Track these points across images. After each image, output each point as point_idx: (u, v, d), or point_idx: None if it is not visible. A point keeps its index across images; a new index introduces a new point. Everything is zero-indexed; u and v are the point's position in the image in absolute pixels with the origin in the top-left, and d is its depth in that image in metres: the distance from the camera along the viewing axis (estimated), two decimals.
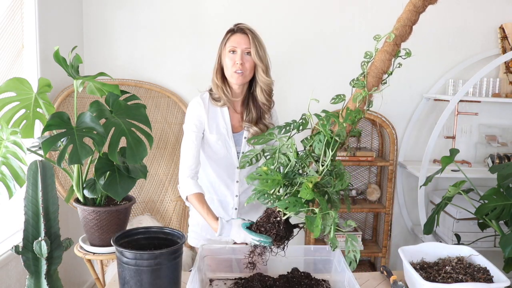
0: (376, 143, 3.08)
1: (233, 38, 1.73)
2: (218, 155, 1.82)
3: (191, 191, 1.69)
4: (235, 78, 1.73)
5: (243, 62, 1.71)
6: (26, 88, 1.61)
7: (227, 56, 1.73)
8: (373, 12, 2.93)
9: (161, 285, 1.29)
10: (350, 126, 1.40)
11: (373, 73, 1.40)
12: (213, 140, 1.79)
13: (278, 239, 1.37)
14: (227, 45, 1.73)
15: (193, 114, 1.79)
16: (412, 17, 1.37)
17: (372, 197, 2.97)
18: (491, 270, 1.46)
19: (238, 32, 1.73)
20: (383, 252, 2.93)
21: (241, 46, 1.71)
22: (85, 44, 2.88)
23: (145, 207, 2.82)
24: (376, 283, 1.61)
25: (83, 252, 1.72)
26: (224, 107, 1.80)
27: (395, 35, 1.37)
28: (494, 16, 2.97)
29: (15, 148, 1.48)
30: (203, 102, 1.79)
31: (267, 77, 1.76)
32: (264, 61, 1.74)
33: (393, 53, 1.38)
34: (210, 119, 1.79)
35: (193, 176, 1.74)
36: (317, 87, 2.98)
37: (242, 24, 1.75)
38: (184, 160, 1.76)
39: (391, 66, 1.40)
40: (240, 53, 1.71)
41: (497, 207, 2.08)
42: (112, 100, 1.63)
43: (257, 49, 1.71)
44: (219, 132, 1.79)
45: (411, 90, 3.03)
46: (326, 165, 1.32)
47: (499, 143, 2.98)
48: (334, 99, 1.44)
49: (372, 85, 1.40)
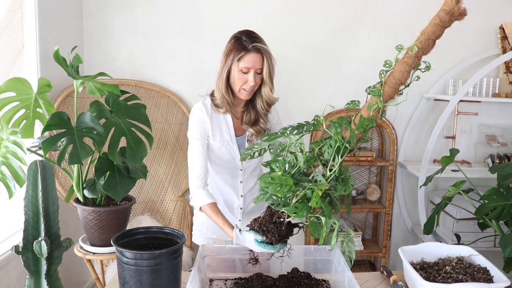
0: (376, 143, 3.08)
1: (248, 58, 1.66)
2: (222, 160, 1.83)
3: (204, 202, 1.69)
4: (244, 95, 1.72)
5: (255, 83, 1.69)
6: (26, 88, 1.62)
7: (238, 73, 1.68)
8: (378, 16, 2.93)
9: (161, 285, 1.29)
10: (361, 133, 1.40)
11: (391, 83, 1.38)
12: (217, 146, 1.80)
13: (279, 239, 1.38)
14: (240, 64, 1.67)
15: (197, 121, 1.77)
16: (437, 31, 1.35)
17: (372, 197, 2.97)
18: (491, 270, 1.46)
19: (254, 51, 1.67)
20: (383, 252, 2.93)
21: (255, 67, 1.67)
22: (85, 44, 2.88)
23: (145, 207, 2.82)
24: (376, 283, 1.61)
25: (83, 252, 1.72)
26: (227, 113, 1.80)
27: (418, 48, 1.35)
28: (494, 16, 2.97)
29: (15, 148, 1.48)
30: (205, 109, 1.78)
31: (272, 95, 1.76)
32: (272, 80, 1.73)
33: (413, 65, 1.36)
34: (214, 126, 1.78)
35: (204, 185, 1.73)
36: (317, 87, 2.98)
37: (257, 44, 1.67)
38: (193, 170, 1.73)
39: (409, 78, 1.38)
40: (253, 73, 1.68)
41: (497, 207, 2.08)
42: (112, 100, 1.63)
43: (269, 69, 1.70)
44: (223, 138, 1.80)
45: (411, 90, 3.01)
46: (334, 171, 1.32)
47: (499, 143, 2.98)
48: (348, 104, 1.44)
49: (388, 95, 1.38)
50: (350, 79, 2.96)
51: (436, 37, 1.36)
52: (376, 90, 1.39)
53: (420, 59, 1.37)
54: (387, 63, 1.39)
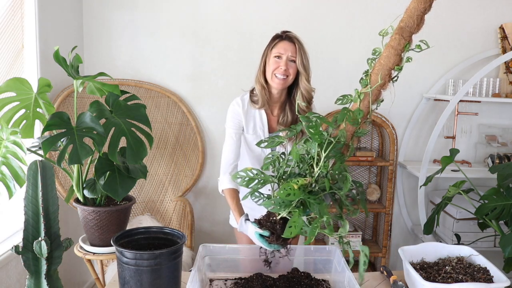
0: (376, 143, 3.08)
1: (280, 45, 1.79)
2: (255, 153, 1.91)
3: (225, 186, 1.80)
4: (276, 82, 1.78)
5: (287, 68, 1.77)
6: (26, 88, 1.62)
7: (271, 60, 1.79)
8: (374, 11, 2.93)
9: (161, 285, 1.29)
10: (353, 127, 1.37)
11: (377, 70, 1.33)
12: (250, 139, 1.88)
13: (277, 238, 1.38)
14: (274, 50, 1.79)
15: (231, 113, 1.88)
16: (420, 5, 1.27)
17: (372, 197, 2.97)
18: (491, 270, 1.46)
19: (286, 39, 1.79)
20: (383, 252, 2.93)
21: (287, 53, 1.77)
22: (85, 44, 2.88)
23: (145, 207, 2.82)
24: (376, 283, 1.61)
25: (83, 252, 1.72)
26: (262, 109, 1.87)
27: (401, 27, 1.28)
28: (494, 16, 2.97)
29: (15, 148, 1.48)
30: (242, 103, 1.87)
31: (309, 84, 1.82)
32: (307, 70, 1.81)
33: (399, 47, 1.29)
34: (248, 119, 1.86)
35: (231, 171, 1.83)
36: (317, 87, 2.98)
37: (290, 33, 1.81)
38: (224, 156, 1.86)
39: (402, 61, 1.31)
40: (285, 59, 1.77)
41: (497, 207, 2.08)
42: (112, 100, 1.63)
43: (302, 58, 1.78)
44: (256, 132, 1.87)
45: (411, 90, 3.03)
46: (320, 166, 1.31)
47: (499, 143, 2.98)
48: (340, 99, 1.40)
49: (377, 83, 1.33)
50: (350, 79, 2.96)
51: (422, 12, 1.28)
52: (364, 80, 1.36)
53: (408, 39, 1.30)
54: (376, 51, 1.35)
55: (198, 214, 3.05)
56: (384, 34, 1.32)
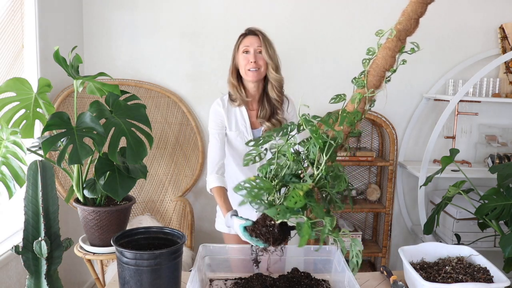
0: (376, 143, 3.08)
1: (245, 40, 1.88)
2: (238, 151, 1.94)
3: (212, 185, 1.84)
4: (250, 75, 1.85)
5: (256, 60, 1.85)
6: (26, 88, 1.62)
7: (241, 57, 1.88)
8: (374, 11, 2.93)
9: (161, 285, 1.29)
10: (349, 128, 1.37)
11: (374, 71, 1.33)
12: (233, 136, 1.93)
13: (273, 242, 1.36)
14: (240, 47, 1.88)
15: (213, 113, 1.94)
16: (418, 9, 1.29)
17: (372, 197, 2.97)
18: (491, 270, 1.46)
19: (250, 34, 1.89)
20: (383, 252, 2.93)
21: (253, 46, 1.86)
22: (85, 44, 2.88)
23: (145, 207, 2.82)
24: (376, 283, 1.61)
25: (83, 252, 1.72)
26: (241, 106, 1.92)
27: (399, 30, 1.28)
28: (494, 16, 2.97)
29: (15, 148, 1.48)
30: (222, 103, 1.94)
31: (277, 74, 1.89)
32: (273, 59, 1.87)
33: (396, 49, 1.30)
34: (229, 117, 1.92)
35: (217, 170, 1.87)
36: (317, 87, 2.98)
37: (252, 28, 1.90)
38: (209, 156, 1.91)
39: (395, 63, 1.32)
40: (253, 52, 1.85)
41: (497, 207, 2.08)
42: (112, 100, 1.63)
43: (267, 48, 1.85)
44: (238, 129, 1.92)
45: (411, 90, 3.03)
46: (321, 169, 1.30)
47: (499, 143, 2.98)
48: (334, 99, 1.39)
49: (373, 84, 1.33)
50: (349, 79, 2.96)
51: (418, 15, 1.29)
52: (360, 80, 1.35)
53: (404, 42, 1.31)
54: (370, 51, 1.34)
55: (198, 214, 3.05)
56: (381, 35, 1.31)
